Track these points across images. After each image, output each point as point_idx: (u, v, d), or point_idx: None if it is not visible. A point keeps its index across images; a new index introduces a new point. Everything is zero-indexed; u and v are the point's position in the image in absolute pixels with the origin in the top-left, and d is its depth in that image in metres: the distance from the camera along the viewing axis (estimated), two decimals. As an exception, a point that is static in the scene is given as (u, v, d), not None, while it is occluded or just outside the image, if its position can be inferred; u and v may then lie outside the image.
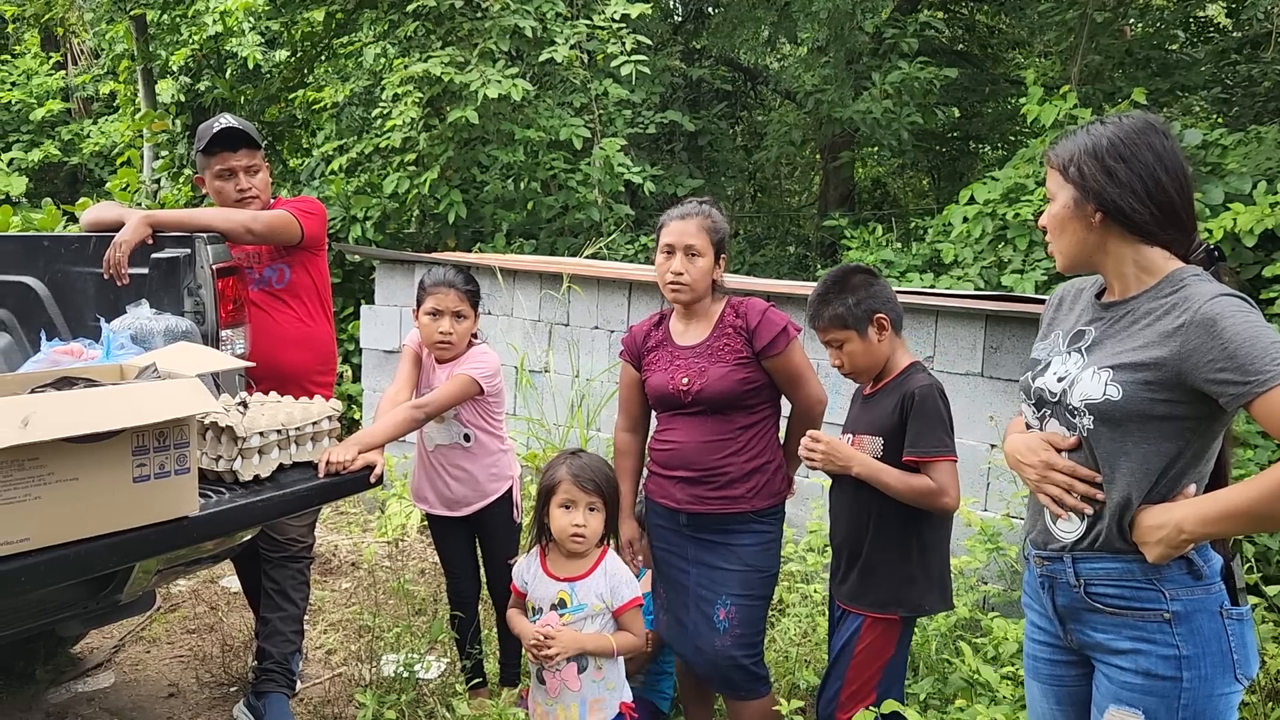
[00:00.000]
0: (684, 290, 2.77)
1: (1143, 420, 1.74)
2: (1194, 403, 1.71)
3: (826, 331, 2.62)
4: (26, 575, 2.00)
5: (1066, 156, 1.88)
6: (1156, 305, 1.78)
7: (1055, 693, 1.99)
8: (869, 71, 8.92)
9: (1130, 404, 1.73)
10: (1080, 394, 1.80)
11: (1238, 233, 5.13)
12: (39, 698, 3.52)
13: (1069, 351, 1.89)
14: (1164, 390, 1.71)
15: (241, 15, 8.85)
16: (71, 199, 10.17)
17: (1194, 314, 1.69)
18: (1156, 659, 1.76)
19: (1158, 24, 9.43)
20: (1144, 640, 1.77)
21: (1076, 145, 1.88)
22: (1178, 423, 1.73)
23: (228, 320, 3.16)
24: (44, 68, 13.73)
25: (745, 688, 2.80)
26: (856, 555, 2.62)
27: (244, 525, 2.66)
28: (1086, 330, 1.89)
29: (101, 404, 2.10)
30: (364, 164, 8.03)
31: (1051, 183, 1.90)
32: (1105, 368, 1.78)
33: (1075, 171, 1.85)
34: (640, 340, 2.93)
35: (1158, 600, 1.77)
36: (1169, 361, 1.70)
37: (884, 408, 2.58)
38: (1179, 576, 1.77)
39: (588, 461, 2.69)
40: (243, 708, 3.35)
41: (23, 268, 3.37)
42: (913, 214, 10.44)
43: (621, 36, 7.54)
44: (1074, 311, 1.97)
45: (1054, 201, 1.89)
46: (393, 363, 5.48)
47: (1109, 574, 1.81)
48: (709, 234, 2.75)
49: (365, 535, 5.36)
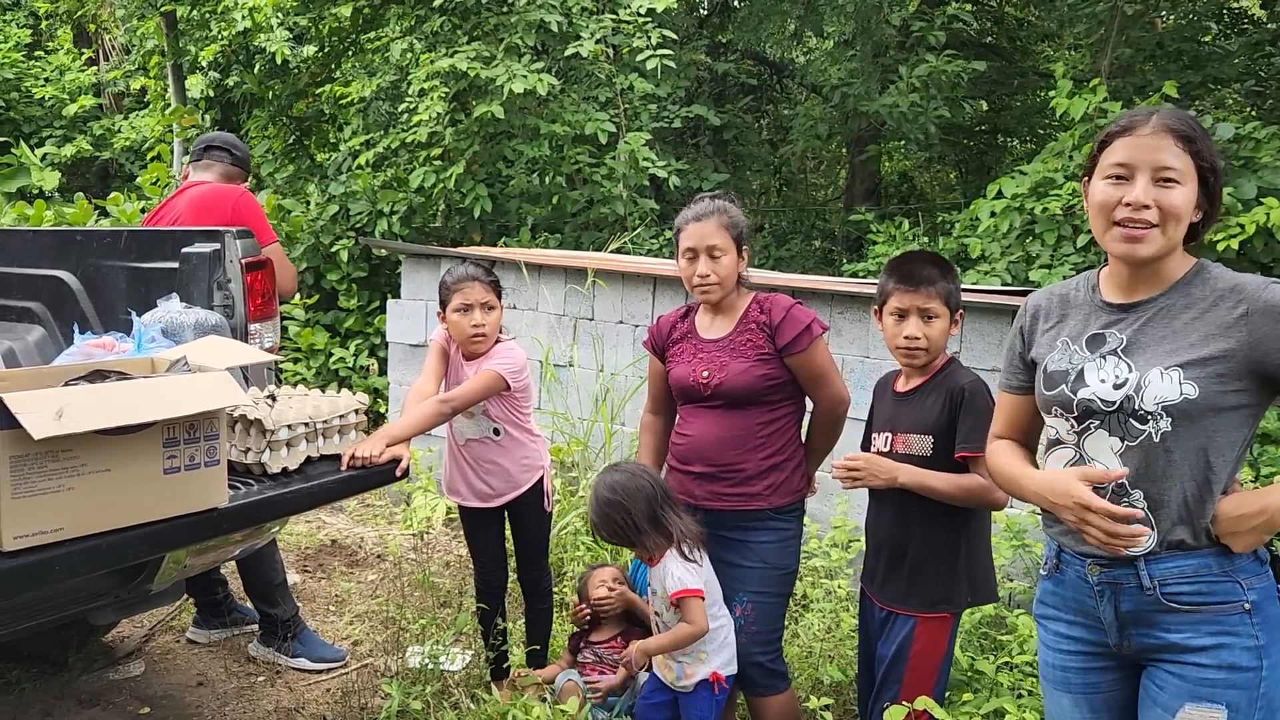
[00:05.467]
0: (713, 290, 2.75)
1: (1216, 413, 1.72)
2: (1259, 390, 1.72)
3: (930, 299, 2.50)
4: (60, 564, 2.03)
5: (1188, 127, 1.75)
6: (1195, 297, 1.76)
7: (1090, 701, 1.93)
8: (896, 65, 8.86)
9: (1207, 399, 1.71)
10: (1154, 397, 1.73)
11: (1271, 227, 5.06)
12: (71, 685, 3.58)
13: (1100, 357, 1.82)
14: (1234, 380, 1.70)
15: (270, 11, 8.91)
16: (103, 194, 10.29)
17: (1257, 302, 1.69)
18: (1240, 651, 1.73)
19: (1190, 16, 9.29)
20: (1226, 634, 1.73)
21: (1191, 120, 1.77)
22: (1245, 411, 1.74)
23: (257, 314, 3.20)
24: (76, 64, 13.89)
25: (763, 684, 2.80)
26: (900, 555, 2.56)
27: (272, 517, 2.69)
28: (1107, 334, 1.83)
29: (133, 396, 2.13)
30: (390, 159, 8.07)
31: (1171, 154, 1.73)
32: (1174, 367, 1.72)
33: (1207, 155, 1.76)
34: (665, 332, 2.93)
35: (1236, 592, 1.74)
36: (1238, 351, 1.69)
37: (930, 405, 2.52)
38: (1250, 565, 1.76)
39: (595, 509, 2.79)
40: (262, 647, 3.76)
41: (56, 262, 3.42)
42: (939, 208, 10.39)
43: (647, 31, 7.53)
44: (1072, 318, 1.90)
45: (1178, 183, 1.74)
46: (419, 356, 5.51)
47: (1183, 571, 1.75)
48: (729, 230, 2.73)
49: (391, 528, 5.40)
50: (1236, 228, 5.22)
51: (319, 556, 4.97)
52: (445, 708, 3.15)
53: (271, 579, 3.73)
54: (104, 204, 7.65)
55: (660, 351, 2.94)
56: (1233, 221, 5.27)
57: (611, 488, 2.74)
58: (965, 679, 3.00)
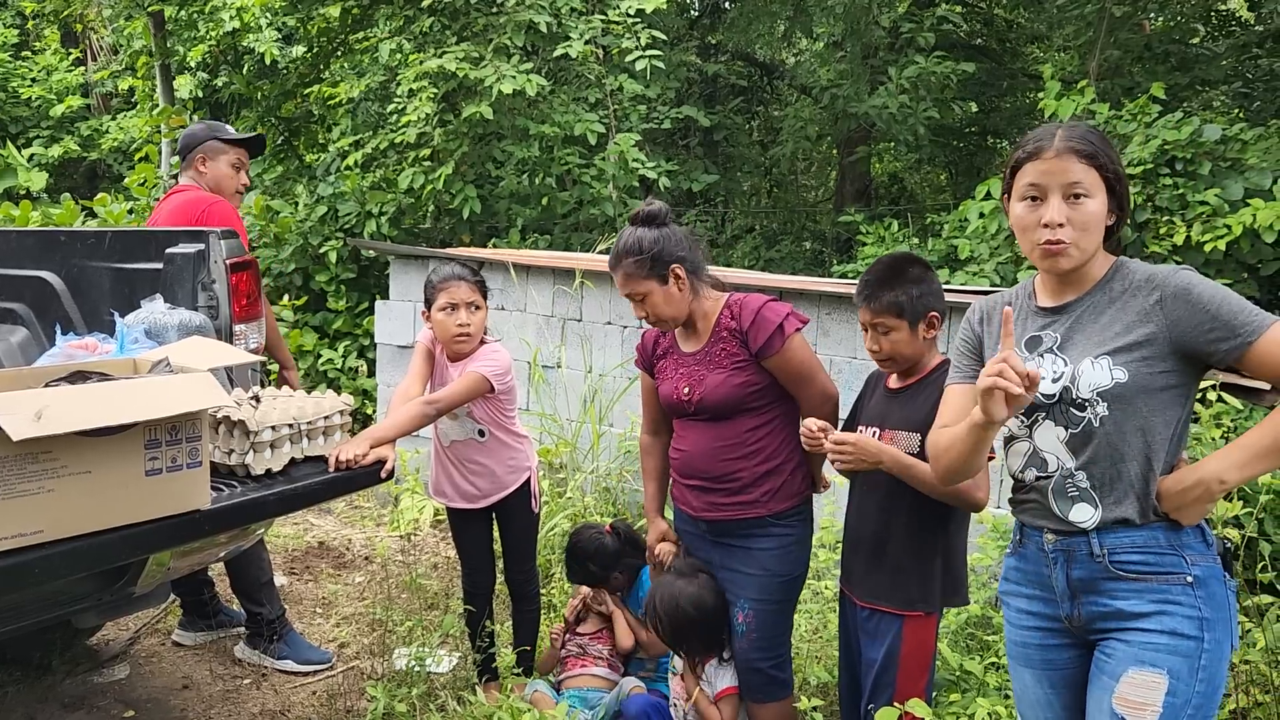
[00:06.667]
0: (663, 326, 2.76)
1: (1148, 394, 1.84)
2: (1185, 369, 1.85)
3: (879, 315, 2.51)
4: (40, 567, 2.02)
5: (1089, 144, 1.87)
6: (1115, 292, 1.90)
7: (1049, 677, 2.01)
8: (886, 66, 8.88)
9: (1137, 381, 1.83)
10: (1089, 384, 1.86)
11: (1258, 228, 5.08)
12: (55, 688, 3.55)
13: (1038, 356, 1.94)
14: (1160, 362, 1.83)
15: (258, 11, 8.88)
16: (90, 194, 10.24)
17: (1167, 288, 1.83)
18: (1182, 619, 1.82)
19: (1177, 18, 9.32)
20: (1169, 602, 1.83)
21: (1091, 136, 1.88)
22: (1175, 390, 1.85)
23: (241, 315, 3.18)
24: (64, 64, 13.80)
25: (761, 691, 2.79)
26: (880, 552, 2.55)
27: (256, 518, 2.68)
28: (1043, 335, 1.96)
29: (114, 398, 2.11)
30: (379, 159, 8.05)
31: (1077, 172, 1.86)
32: (1103, 355, 1.86)
33: (1110, 165, 1.87)
34: (650, 348, 2.90)
35: (1181, 565, 1.84)
36: (1159, 335, 1.82)
37: (920, 404, 2.52)
38: (1196, 544, 1.87)
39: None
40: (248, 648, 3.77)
41: (40, 262, 3.40)
42: (929, 209, 10.40)
43: (636, 32, 7.52)
44: (1016, 322, 1.99)
45: (1088, 196, 1.86)
46: (407, 358, 5.49)
47: (1133, 542, 1.86)
48: (639, 272, 2.66)
49: (378, 530, 5.38)
50: (1224, 229, 5.24)
51: (306, 559, 4.95)
52: (431, 710, 3.14)
53: (258, 578, 3.71)
54: (91, 205, 7.61)
55: (649, 368, 2.91)
56: (1220, 223, 5.30)
57: (697, 606, 2.77)
58: (953, 679, 3.00)
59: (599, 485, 4.77)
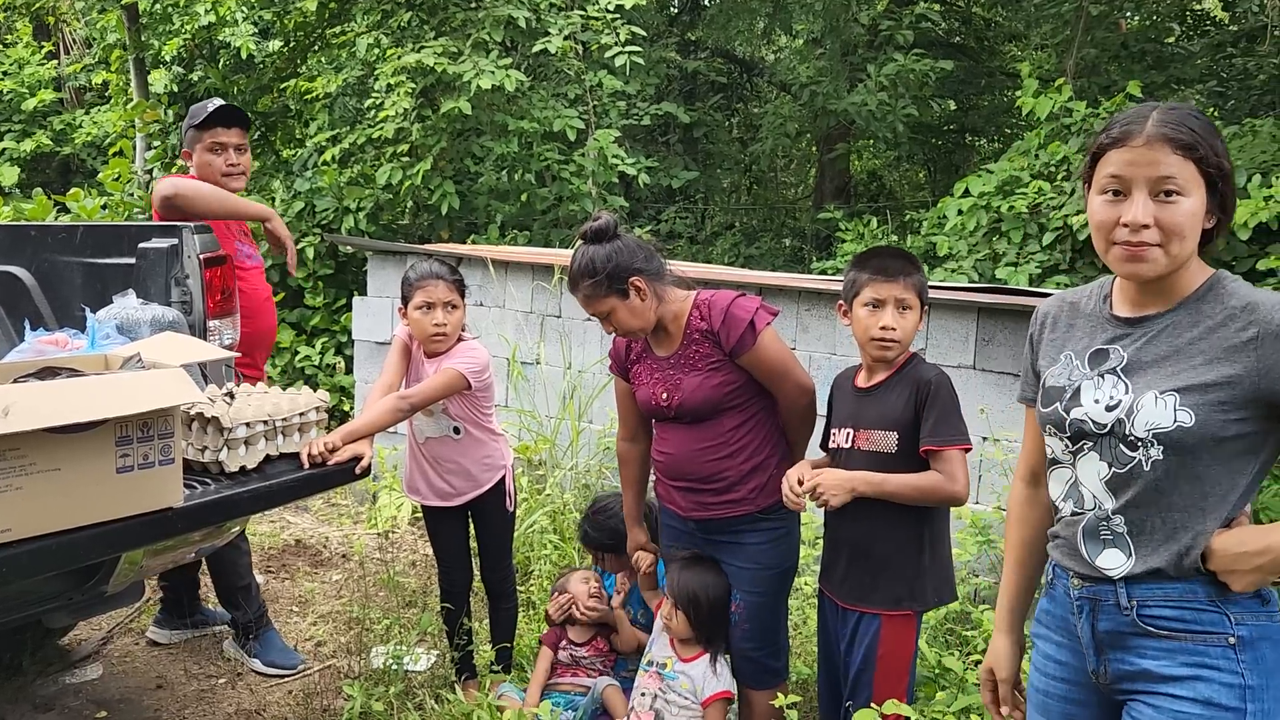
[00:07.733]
0: (630, 335, 2.75)
1: (1215, 444, 1.57)
2: (1264, 419, 1.58)
3: (906, 290, 2.47)
4: (7, 566, 1.98)
5: (1187, 132, 1.57)
6: (1204, 314, 1.61)
7: None
8: (864, 64, 8.92)
9: (1204, 429, 1.56)
10: (1146, 423, 1.59)
11: (1232, 225, 5.11)
12: (26, 689, 3.50)
13: (1098, 375, 1.68)
14: (1237, 409, 1.56)
15: (234, 5, 8.79)
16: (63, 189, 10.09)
17: (1268, 325, 1.54)
18: (1219, 686, 1.57)
19: (1153, 17, 9.42)
20: (1205, 666, 1.58)
21: (1191, 121, 1.59)
22: (1248, 440, 1.59)
23: (216, 310, 3.14)
24: (36, 57, 13.63)
25: (756, 679, 2.82)
26: (863, 552, 2.53)
27: (230, 516, 2.65)
28: (1110, 350, 1.69)
29: (84, 394, 2.08)
30: (357, 155, 7.99)
31: (1170, 165, 1.57)
32: (1170, 391, 1.58)
33: (1211, 158, 1.58)
34: (624, 354, 2.88)
35: (1222, 624, 1.59)
36: (1244, 378, 1.55)
37: (894, 400, 2.49)
38: (1247, 601, 1.59)
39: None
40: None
41: (9, 257, 3.34)
42: (908, 207, 10.44)
43: (616, 27, 7.51)
44: (1079, 329, 1.77)
45: (1181, 194, 1.57)
46: (385, 354, 5.46)
47: (1166, 595, 1.61)
48: (597, 291, 2.64)
49: (356, 527, 5.34)
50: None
51: (283, 556, 4.91)
52: (409, 708, 3.11)
53: (234, 582, 3.67)
54: (64, 200, 7.51)
55: (624, 372, 2.89)
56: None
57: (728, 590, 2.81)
58: (933, 676, 3.01)
59: (578, 482, 4.75)
